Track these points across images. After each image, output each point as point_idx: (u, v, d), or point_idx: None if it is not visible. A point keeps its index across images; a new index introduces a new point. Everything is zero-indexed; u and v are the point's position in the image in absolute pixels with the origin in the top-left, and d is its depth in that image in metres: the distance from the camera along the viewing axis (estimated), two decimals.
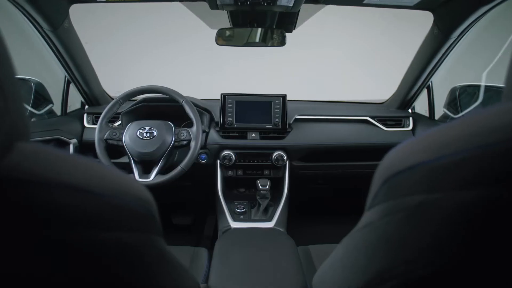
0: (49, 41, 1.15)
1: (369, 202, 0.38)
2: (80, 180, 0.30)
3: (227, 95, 1.42)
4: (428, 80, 1.39)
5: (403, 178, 0.32)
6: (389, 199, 0.33)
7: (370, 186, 0.38)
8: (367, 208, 0.38)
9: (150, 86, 1.26)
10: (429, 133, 0.34)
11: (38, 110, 1.40)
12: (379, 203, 0.35)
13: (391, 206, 0.33)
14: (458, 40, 1.14)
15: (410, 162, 0.32)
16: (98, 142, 1.21)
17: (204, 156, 1.40)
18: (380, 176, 0.35)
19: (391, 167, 0.33)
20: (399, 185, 0.32)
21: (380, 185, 0.35)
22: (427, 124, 1.46)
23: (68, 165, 0.31)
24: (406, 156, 0.33)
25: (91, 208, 0.29)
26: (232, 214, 1.28)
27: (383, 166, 0.36)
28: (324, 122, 1.49)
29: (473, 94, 1.41)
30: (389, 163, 0.35)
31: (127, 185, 0.35)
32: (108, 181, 0.33)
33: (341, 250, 0.45)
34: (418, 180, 0.30)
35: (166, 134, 1.21)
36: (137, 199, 0.35)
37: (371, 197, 0.38)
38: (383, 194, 0.34)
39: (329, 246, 1.09)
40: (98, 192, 0.31)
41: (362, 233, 0.39)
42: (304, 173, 1.47)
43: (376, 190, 0.36)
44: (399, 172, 0.32)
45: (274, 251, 0.91)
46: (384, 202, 0.34)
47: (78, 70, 1.34)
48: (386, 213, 0.33)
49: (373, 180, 0.38)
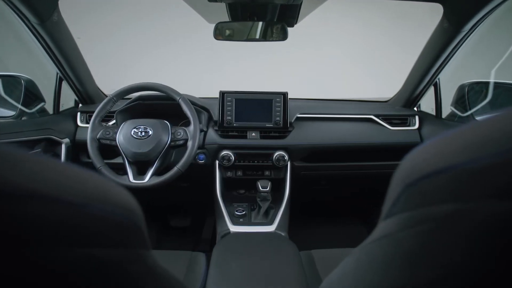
0: (37, 35, 1.10)
1: (386, 210, 0.33)
2: (45, 186, 0.25)
3: (226, 93, 1.36)
4: (435, 77, 1.34)
5: (429, 183, 0.27)
6: (411, 208, 0.29)
7: (387, 191, 0.34)
8: (383, 217, 0.34)
9: (146, 83, 1.20)
10: (459, 132, 0.29)
11: (29, 108, 1.35)
12: (399, 212, 0.31)
13: (414, 216, 0.29)
14: (470, 34, 1.08)
15: (438, 165, 0.27)
16: (90, 141, 1.15)
17: (202, 157, 1.35)
18: (400, 180, 0.31)
19: (414, 171, 0.29)
20: (424, 192, 0.28)
21: (400, 192, 0.30)
22: (434, 123, 1.41)
23: (30, 168, 0.25)
24: (432, 158, 0.29)
25: (61, 221, 0.24)
26: (231, 217, 1.23)
27: (403, 169, 0.31)
28: (326, 120, 1.44)
29: (482, 92, 1.36)
30: (411, 165, 0.30)
31: (107, 191, 0.30)
32: (82, 187, 0.28)
33: (352, 262, 0.40)
34: (448, 187, 0.26)
35: (162, 134, 1.16)
36: (119, 208, 0.30)
37: (388, 204, 0.33)
38: (404, 201, 0.30)
39: (333, 251, 1.04)
40: (69, 200, 0.25)
41: (378, 245, 0.34)
42: (306, 174, 1.42)
43: (395, 197, 0.31)
44: (424, 177, 0.28)
45: (275, 259, 0.86)
46: (406, 211, 0.30)
47: (70, 67, 1.28)
48: (408, 224, 0.29)
49: (390, 185, 0.33)
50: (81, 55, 1.33)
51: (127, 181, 1.12)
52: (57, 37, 1.13)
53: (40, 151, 1.19)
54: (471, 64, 1.38)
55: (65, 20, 1.18)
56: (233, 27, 1.16)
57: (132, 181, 1.12)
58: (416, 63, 1.38)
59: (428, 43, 1.26)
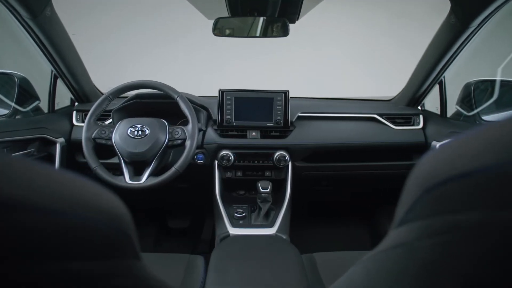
0: (30, 31, 1.06)
1: (399, 217, 0.30)
2: (22, 193, 0.21)
3: (226, 91, 1.33)
4: (441, 75, 1.30)
5: (452, 188, 0.24)
6: (431, 215, 0.26)
7: (401, 195, 0.31)
8: (397, 224, 0.31)
9: (143, 81, 1.17)
10: (486, 130, 0.26)
11: (23, 107, 1.32)
12: (415, 219, 0.27)
13: (434, 224, 0.26)
14: (478, 30, 1.04)
15: (465, 168, 0.24)
16: (85, 141, 1.12)
17: (201, 157, 1.31)
18: (416, 185, 0.28)
19: (434, 174, 0.26)
20: (445, 197, 0.25)
21: (417, 197, 0.28)
22: (439, 122, 1.37)
23: (4, 172, 0.22)
24: (456, 159, 0.26)
25: (41, 232, 0.21)
26: (230, 219, 1.19)
27: (420, 172, 0.28)
28: (328, 120, 1.40)
29: (488, 90, 1.32)
30: (430, 168, 0.27)
31: (89, 196, 0.26)
32: (59, 191, 0.24)
33: (360, 272, 0.37)
34: (476, 192, 0.23)
35: (159, 133, 1.12)
36: (104, 215, 0.27)
37: (403, 210, 0.30)
38: (424, 208, 0.27)
39: (335, 254, 1.01)
40: (48, 208, 0.22)
41: (390, 255, 0.31)
42: (307, 174, 1.39)
43: (410, 203, 0.28)
44: (446, 181, 0.25)
45: (276, 264, 0.82)
46: (425, 218, 0.26)
47: (65, 64, 1.24)
48: (427, 232, 0.26)
49: (404, 190, 0.30)
50: (77, 52, 1.30)
51: (123, 182, 1.09)
52: (50, 33, 1.10)
53: (34, 150, 1.16)
54: (477, 62, 1.34)
55: (64, 20, 1.15)
56: (233, 22, 1.12)
57: (128, 182, 1.09)
58: (421, 61, 1.34)
59: (434, 40, 1.23)
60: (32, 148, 1.16)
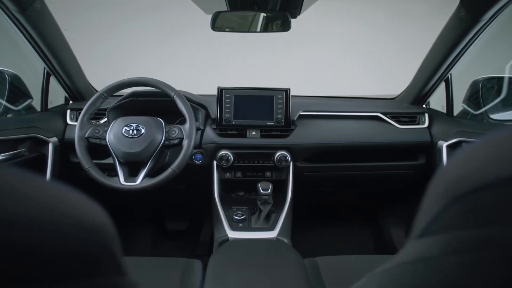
0: (18, 25, 1.01)
1: (420, 227, 0.27)
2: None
3: (225, 89, 1.29)
4: (447, 72, 1.26)
5: (486, 198, 0.21)
6: (461, 228, 0.23)
7: (422, 203, 0.28)
8: (417, 235, 0.28)
9: (138, 78, 1.12)
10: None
11: (15, 105, 1.27)
12: (441, 231, 0.24)
13: (465, 238, 0.22)
14: (489, 23, 1.00)
15: (499, 174, 0.21)
16: (78, 140, 1.08)
17: (199, 157, 1.27)
18: (442, 192, 0.25)
19: (464, 181, 0.23)
20: (479, 208, 0.22)
21: (443, 206, 0.24)
22: (445, 121, 1.33)
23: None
24: (488, 164, 0.23)
25: (10, 250, 0.18)
26: (229, 221, 1.15)
27: (447, 177, 0.25)
28: (331, 119, 1.36)
29: (496, 88, 1.28)
30: (459, 174, 0.24)
31: (69, 209, 0.23)
32: (36, 205, 0.21)
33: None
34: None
35: (155, 132, 1.08)
36: (83, 230, 0.23)
37: (424, 220, 0.27)
38: (450, 219, 0.24)
39: (339, 257, 0.97)
40: (17, 222, 0.19)
41: (410, 270, 0.27)
42: (309, 175, 1.35)
43: (435, 213, 0.25)
44: (479, 189, 0.22)
45: (277, 271, 0.78)
46: (452, 231, 0.23)
47: (58, 61, 1.20)
48: (457, 248, 0.23)
49: (427, 197, 0.28)
50: (70, 48, 1.25)
51: (118, 183, 1.05)
52: (41, 27, 1.05)
53: (24, 150, 1.11)
54: (485, 58, 1.30)
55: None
56: (232, 17, 1.08)
57: (123, 183, 1.05)
58: (427, 58, 1.30)
59: (441, 35, 1.18)
60: (23, 148, 1.12)
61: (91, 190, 1.31)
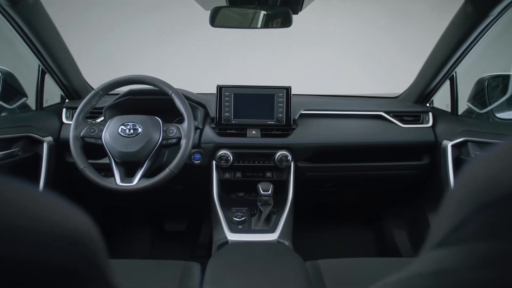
0: (10, 20, 0.98)
1: (439, 235, 0.25)
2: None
3: (224, 87, 1.26)
4: (452, 70, 1.23)
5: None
6: (491, 239, 0.21)
7: (441, 209, 0.26)
8: (435, 244, 0.25)
9: (135, 76, 1.10)
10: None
11: (9, 104, 1.24)
12: (466, 241, 0.22)
13: (495, 250, 0.20)
14: (497, 18, 0.96)
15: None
16: (73, 140, 1.05)
17: (197, 157, 1.24)
18: (467, 197, 0.23)
19: (494, 186, 0.21)
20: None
21: (469, 213, 0.22)
22: (450, 120, 1.30)
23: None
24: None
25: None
26: (229, 223, 1.12)
27: (473, 181, 0.23)
28: (333, 118, 1.33)
29: (503, 86, 1.25)
30: (489, 177, 0.22)
31: (47, 218, 0.20)
32: (8, 214, 0.18)
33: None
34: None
35: (153, 131, 1.05)
36: (65, 241, 0.21)
37: (444, 228, 0.24)
38: (478, 228, 0.22)
39: (341, 260, 0.94)
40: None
41: (429, 282, 0.25)
42: (311, 175, 1.32)
43: (459, 220, 0.23)
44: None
45: (278, 276, 0.75)
46: (480, 241, 0.21)
47: (52, 58, 1.17)
48: (486, 261, 0.20)
49: (448, 202, 0.25)
50: (65, 45, 1.22)
51: (114, 184, 1.02)
52: (33, 23, 1.02)
53: (18, 150, 1.08)
54: (491, 55, 1.27)
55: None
56: (232, 13, 1.05)
57: (119, 184, 1.02)
58: (431, 55, 1.27)
59: (446, 32, 1.15)
60: (17, 147, 1.09)
61: (88, 191, 1.28)
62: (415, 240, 1.46)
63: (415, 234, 1.46)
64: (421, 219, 1.38)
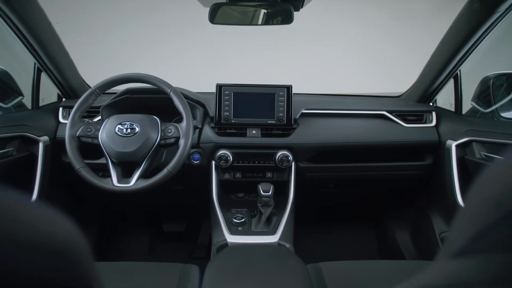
0: (4, 16, 0.95)
1: (458, 244, 0.23)
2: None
3: (224, 85, 1.23)
4: (457, 68, 1.20)
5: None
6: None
7: (458, 214, 0.24)
8: (453, 253, 0.23)
9: (132, 74, 1.07)
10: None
11: (5, 103, 1.22)
12: (490, 251, 0.20)
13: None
14: (505, 14, 0.94)
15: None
16: (69, 139, 1.02)
17: (196, 157, 1.21)
18: (491, 203, 0.21)
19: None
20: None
21: (494, 220, 0.20)
22: (454, 119, 1.28)
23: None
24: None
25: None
26: (228, 225, 1.10)
27: (497, 185, 0.21)
28: (335, 117, 1.31)
29: (508, 85, 1.23)
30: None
31: (28, 231, 0.19)
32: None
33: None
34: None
35: (150, 131, 1.02)
36: (47, 254, 0.19)
37: (465, 236, 0.22)
38: (505, 237, 0.19)
39: (343, 263, 0.92)
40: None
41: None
42: (312, 175, 1.30)
43: (482, 228, 0.21)
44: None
45: (278, 280, 0.73)
46: (507, 252, 0.19)
47: (48, 55, 1.14)
48: (508, 275, 0.19)
49: (467, 207, 0.23)
50: (61, 43, 1.20)
51: (110, 185, 0.99)
52: (28, 19, 0.99)
53: (13, 150, 1.06)
54: (497, 53, 1.25)
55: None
56: (231, 8, 1.02)
57: (116, 185, 0.99)
58: (435, 53, 1.25)
59: (451, 29, 1.13)
60: (11, 147, 1.06)
61: (85, 192, 1.25)
62: (418, 242, 1.44)
63: (418, 236, 1.44)
64: (424, 220, 1.36)
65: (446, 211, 1.25)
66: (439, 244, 1.24)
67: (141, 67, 3.10)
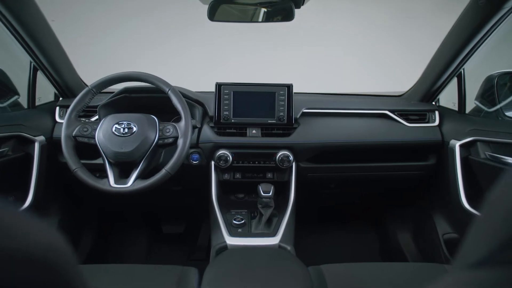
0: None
1: (477, 254, 0.21)
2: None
3: (223, 84, 1.21)
4: (461, 67, 1.18)
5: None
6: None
7: (476, 221, 0.23)
8: (471, 263, 0.21)
9: (130, 73, 1.05)
10: None
11: (0, 102, 1.19)
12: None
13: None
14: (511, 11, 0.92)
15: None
16: (65, 139, 1.00)
17: (196, 157, 1.19)
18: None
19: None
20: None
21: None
22: (457, 119, 1.26)
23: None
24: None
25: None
26: (228, 226, 1.08)
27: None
28: (336, 116, 1.29)
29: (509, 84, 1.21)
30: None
31: (12, 240, 0.18)
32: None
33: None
34: None
35: (148, 130, 1.00)
36: (29, 267, 0.18)
37: (485, 246, 0.21)
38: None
39: (345, 265, 0.90)
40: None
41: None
42: (313, 176, 1.27)
43: (503, 237, 0.20)
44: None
45: (279, 284, 0.70)
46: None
47: (44, 54, 1.12)
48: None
49: (487, 214, 0.22)
50: (58, 41, 1.18)
51: (107, 186, 0.97)
52: (23, 17, 0.97)
53: (7, 150, 1.04)
54: (502, 51, 1.22)
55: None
56: (231, 6, 1.00)
57: (113, 185, 0.97)
58: (438, 51, 1.22)
59: (455, 27, 1.11)
60: (6, 147, 1.04)
61: (82, 193, 1.23)
62: (420, 243, 1.42)
63: (420, 237, 1.42)
64: (427, 221, 1.34)
65: (449, 212, 1.22)
66: (442, 245, 1.22)
67: (141, 67, 3.07)
